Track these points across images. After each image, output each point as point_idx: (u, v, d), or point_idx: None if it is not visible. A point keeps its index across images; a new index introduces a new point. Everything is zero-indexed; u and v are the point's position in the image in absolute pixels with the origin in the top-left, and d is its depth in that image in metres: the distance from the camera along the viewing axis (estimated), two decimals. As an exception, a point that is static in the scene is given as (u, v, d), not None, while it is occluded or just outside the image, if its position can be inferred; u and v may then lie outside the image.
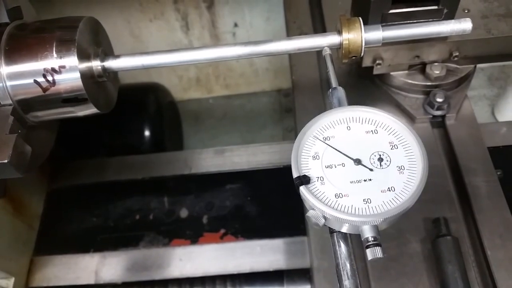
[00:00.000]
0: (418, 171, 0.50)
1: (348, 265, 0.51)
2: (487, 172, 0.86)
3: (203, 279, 1.02)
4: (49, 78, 0.62)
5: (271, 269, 0.99)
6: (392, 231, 0.83)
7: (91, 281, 1.03)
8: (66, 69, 0.61)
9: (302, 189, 0.50)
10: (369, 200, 0.49)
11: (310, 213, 0.50)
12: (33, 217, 1.11)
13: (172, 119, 1.60)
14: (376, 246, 0.48)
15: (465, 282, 0.73)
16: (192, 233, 1.06)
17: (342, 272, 0.51)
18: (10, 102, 0.62)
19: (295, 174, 0.52)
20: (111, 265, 1.04)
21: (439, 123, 0.93)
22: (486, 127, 0.97)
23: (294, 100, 1.03)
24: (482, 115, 1.62)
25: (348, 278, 0.50)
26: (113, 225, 1.11)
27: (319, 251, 0.84)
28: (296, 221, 1.01)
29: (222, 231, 1.06)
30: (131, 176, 1.16)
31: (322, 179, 0.51)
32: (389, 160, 0.52)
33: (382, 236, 0.50)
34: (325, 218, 0.49)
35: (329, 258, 0.83)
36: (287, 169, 1.08)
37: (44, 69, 0.61)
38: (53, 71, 0.61)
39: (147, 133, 1.35)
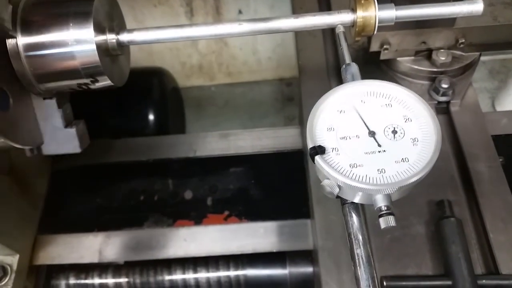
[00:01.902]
0: (432, 143, 0.51)
1: (359, 234, 0.52)
2: (490, 158, 0.88)
3: (206, 259, 1.03)
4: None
5: (273, 250, 1.00)
6: (396, 212, 0.84)
7: (95, 259, 1.03)
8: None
9: (318, 158, 0.51)
10: (383, 170, 0.50)
11: (325, 182, 0.50)
12: (37, 196, 1.11)
13: (176, 104, 1.60)
14: (389, 215, 0.49)
15: (468, 262, 0.74)
16: (196, 214, 1.07)
17: (354, 241, 0.52)
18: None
19: (310, 145, 0.52)
20: (115, 244, 1.04)
21: (443, 109, 0.94)
22: (488, 116, 0.98)
23: (300, 85, 1.04)
24: (483, 107, 1.62)
25: (360, 247, 0.51)
26: (117, 206, 1.10)
27: (324, 231, 0.86)
28: (299, 204, 1.02)
29: (226, 213, 1.06)
30: (135, 158, 1.16)
31: (337, 150, 0.52)
32: (403, 132, 0.53)
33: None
34: (339, 187, 0.50)
35: (334, 238, 0.84)
36: (291, 153, 1.11)
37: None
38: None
39: (151, 117, 1.34)
